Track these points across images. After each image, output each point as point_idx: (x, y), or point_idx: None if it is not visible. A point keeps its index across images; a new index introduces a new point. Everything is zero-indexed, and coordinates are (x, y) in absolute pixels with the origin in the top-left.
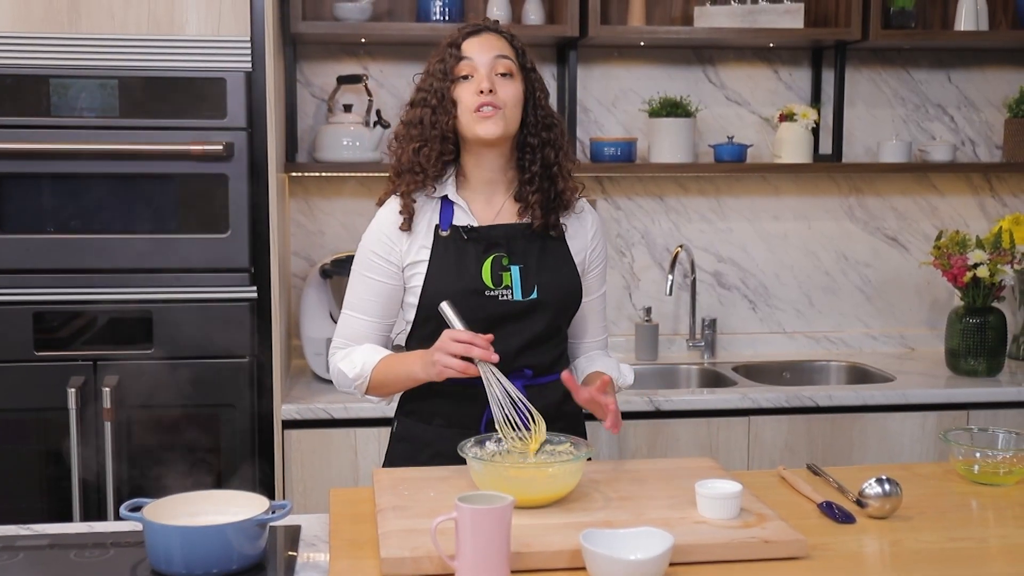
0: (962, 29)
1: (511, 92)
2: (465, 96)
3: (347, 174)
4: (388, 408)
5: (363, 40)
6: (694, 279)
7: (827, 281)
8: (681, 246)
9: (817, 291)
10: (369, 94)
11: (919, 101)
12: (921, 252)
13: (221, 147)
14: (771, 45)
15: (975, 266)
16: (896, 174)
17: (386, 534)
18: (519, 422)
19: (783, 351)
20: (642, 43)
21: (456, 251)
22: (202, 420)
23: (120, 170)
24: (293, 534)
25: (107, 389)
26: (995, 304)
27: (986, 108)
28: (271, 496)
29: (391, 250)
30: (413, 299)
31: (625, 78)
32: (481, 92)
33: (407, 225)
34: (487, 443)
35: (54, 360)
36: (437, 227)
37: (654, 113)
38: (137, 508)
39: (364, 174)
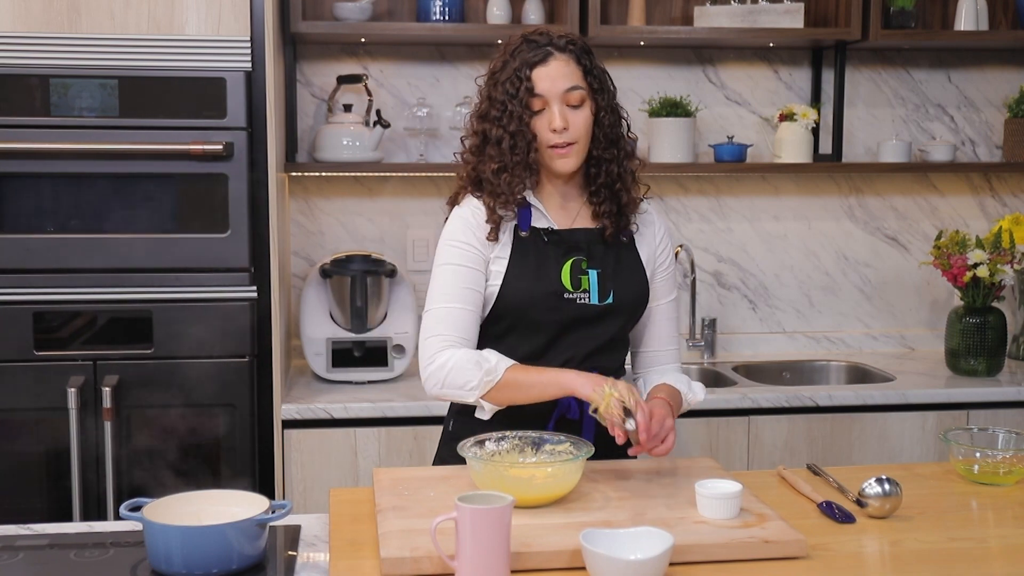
0: (962, 29)
1: (582, 122)
2: (539, 129)
3: (347, 174)
4: (388, 408)
5: (363, 40)
6: (694, 279)
7: (827, 281)
8: (681, 246)
9: (817, 291)
10: (369, 94)
11: (919, 101)
12: (921, 252)
13: (221, 147)
14: (771, 45)
15: (975, 266)
16: (896, 174)
17: (386, 534)
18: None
19: (783, 351)
20: (642, 43)
21: (536, 253)
22: (202, 420)
23: (120, 170)
24: (293, 534)
25: (107, 389)
26: (995, 304)
27: (986, 108)
28: (271, 496)
29: (479, 239)
30: (491, 294)
31: (625, 78)
32: (554, 131)
33: (494, 235)
34: (487, 443)
35: (54, 360)
36: (516, 227)
37: (654, 113)
38: (137, 508)
39: (364, 174)
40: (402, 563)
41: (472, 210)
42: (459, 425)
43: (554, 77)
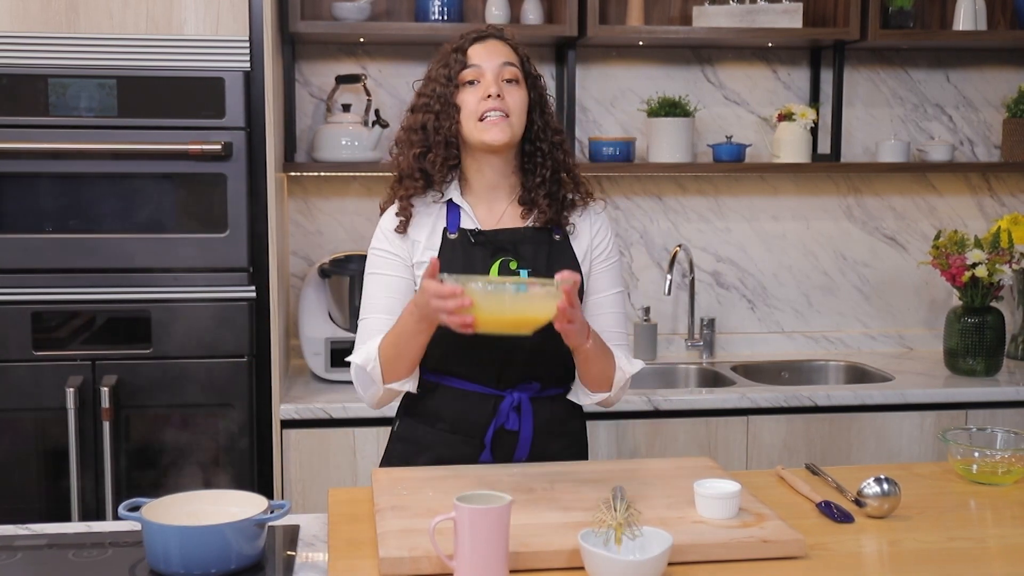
0: (960, 29)
1: (517, 98)
2: (470, 101)
3: (346, 174)
4: (387, 408)
5: (361, 40)
6: (692, 279)
7: (825, 281)
8: (680, 246)
9: (816, 291)
10: (368, 94)
11: (917, 101)
12: (920, 252)
13: (220, 147)
14: (770, 45)
15: (973, 266)
16: (894, 174)
17: (384, 534)
18: None
19: (782, 351)
20: (641, 43)
21: (464, 254)
22: (201, 420)
23: (118, 170)
24: (292, 534)
25: (105, 389)
26: (993, 304)
27: (984, 108)
28: (269, 496)
29: (398, 246)
30: None
31: (624, 78)
32: (488, 97)
33: (403, 228)
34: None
35: (53, 360)
36: (445, 230)
37: (653, 113)
38: (135, 508)
39: (363, 174)
40: (401, 563)
41: (390, 219)
42: (404, 426)
43: (491, 51)
